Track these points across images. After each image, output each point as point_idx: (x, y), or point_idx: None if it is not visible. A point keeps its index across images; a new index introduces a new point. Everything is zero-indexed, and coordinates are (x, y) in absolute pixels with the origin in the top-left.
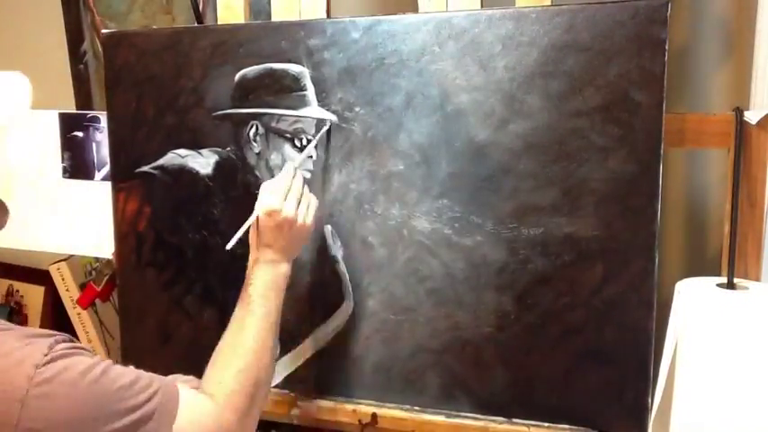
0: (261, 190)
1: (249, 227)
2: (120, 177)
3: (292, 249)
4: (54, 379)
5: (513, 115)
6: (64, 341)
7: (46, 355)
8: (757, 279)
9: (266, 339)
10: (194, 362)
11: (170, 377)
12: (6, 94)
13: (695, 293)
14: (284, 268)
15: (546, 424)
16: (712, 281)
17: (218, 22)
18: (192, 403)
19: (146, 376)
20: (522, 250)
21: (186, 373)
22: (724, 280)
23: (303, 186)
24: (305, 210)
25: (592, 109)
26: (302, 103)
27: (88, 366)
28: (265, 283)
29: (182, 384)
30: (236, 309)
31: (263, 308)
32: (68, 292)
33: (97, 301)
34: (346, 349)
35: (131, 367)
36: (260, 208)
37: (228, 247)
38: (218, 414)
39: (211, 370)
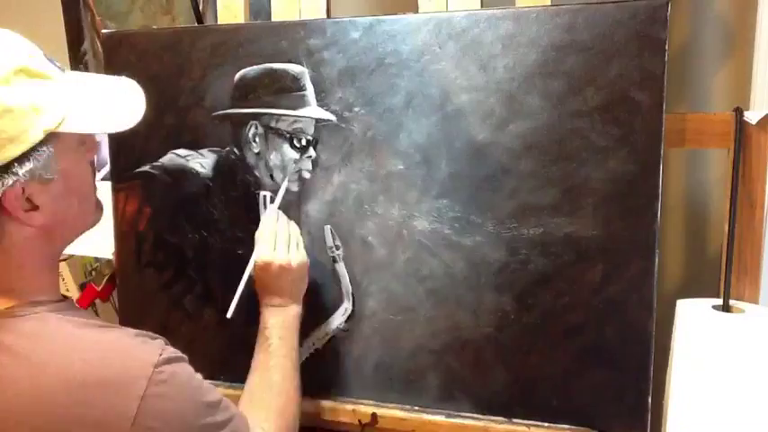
0: (255, 241)
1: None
2: (120, 177)
3: (297, 290)
4: (169, 381)
5: (513, 115)
6: (167, 344)
7: (161, 356)
8: (756, 279)
9: (293, 377)
10: (194, 362)
11: None
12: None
13: (690, 316)
14: (294, 310)
15: (546, 424)
16: (709, 302)
17: (218, 22)
18: None
19: (225, 399)
20: (522, 250)
21: None
22: (720, 301)
23: (288, 226)
24: (295, 250)
25: (592, 109)
26: (301, 103)
27: (190, 374)
28: (280, 326)
29: None
30: (257, 353)
31: (283, 348)
32: (68, 292)
33: (97, 301)
34: (346, 349)
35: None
36: (253, 262)
37: (229, 315)
38: None
39: (251, 410)
